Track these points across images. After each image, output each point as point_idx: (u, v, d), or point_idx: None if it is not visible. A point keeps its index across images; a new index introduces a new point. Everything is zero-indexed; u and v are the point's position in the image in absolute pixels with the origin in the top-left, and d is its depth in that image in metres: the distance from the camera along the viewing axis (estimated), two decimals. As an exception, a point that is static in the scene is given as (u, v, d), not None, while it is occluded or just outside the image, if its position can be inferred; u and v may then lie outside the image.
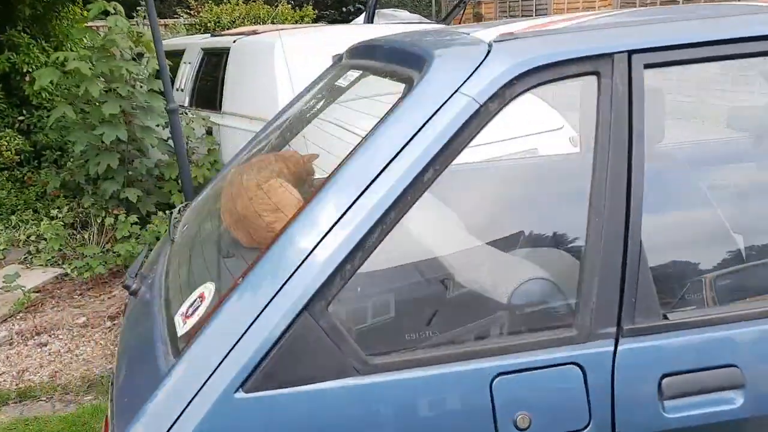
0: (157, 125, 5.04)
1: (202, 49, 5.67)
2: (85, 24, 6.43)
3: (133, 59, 4.96)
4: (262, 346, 1.20)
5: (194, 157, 5.13)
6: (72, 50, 5.86)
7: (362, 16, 8.41)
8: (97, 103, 4.77)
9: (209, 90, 5.43)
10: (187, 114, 5.18)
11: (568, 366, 1.28)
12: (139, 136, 4.94)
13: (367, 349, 1.25)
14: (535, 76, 1.32)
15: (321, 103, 2.31)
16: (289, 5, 10.98)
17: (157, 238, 4.78)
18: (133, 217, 4.79)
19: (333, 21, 13.83)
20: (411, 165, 1.26)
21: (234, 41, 5.17)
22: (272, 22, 9.81)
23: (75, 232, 5.12)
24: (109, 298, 4.50)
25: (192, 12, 10.84)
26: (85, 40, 5.19)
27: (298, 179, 2.13)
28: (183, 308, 1.47)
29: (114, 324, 4.12)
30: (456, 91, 1.30)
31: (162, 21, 4.84)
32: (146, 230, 4.81)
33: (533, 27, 1.50)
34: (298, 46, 4.74)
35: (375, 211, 1.24)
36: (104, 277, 4.73)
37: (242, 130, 4.83)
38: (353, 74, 1.93)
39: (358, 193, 1.25)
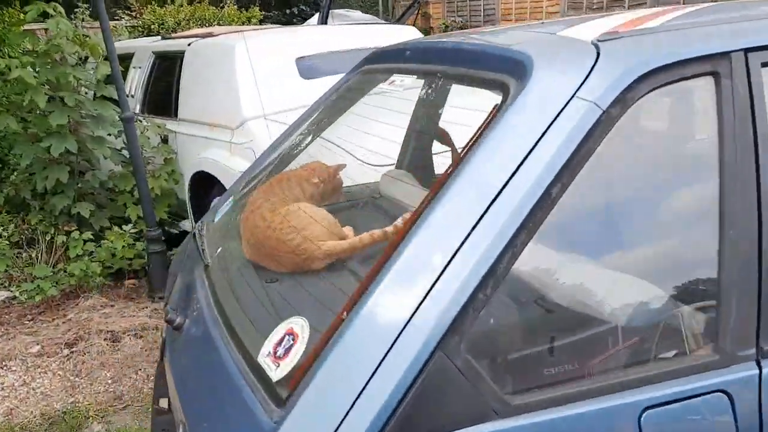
0: (109, 135, 4.73)
1: (154, 52, 5.37)
2: (23, 27, 6.02)
3: (78, 64, 4.64)
4: (394, 392, 1.04)
5: (150, 168, 4.83)
6: (10, 56, 5.47)
7: (315, 17, 8.20)
8: (43, 113, 4.43)
9: (162, 96, 5.15)
10: (141, 122, 4.87)
11: (715, 394, 1.18)
12: (89, 147, 4.62)
13: (504, 388, 1.12)
14: (654, 79, 1.21)
15: (357, 112, 2.13)
16: (235, 6, 10.69)
17: (113, 255, 4.50)
18: (87, 234, 4.48)
19: (277, 22, 13.57)
20: (538, 179, 1.12)
21: (189, 44, 4.91)
22: (219, 24, 9.50)
23: (21, 251, 4.75)
24: (63, 322, 4.16)
25: (134, 14, 10.43)
26: (24, 45, 4.81)
27: (320, 193, 1.97)
28: (268, 347, 1.28)
29: (72, 351, 3.81)
30: (573, 96, 1.17)
31: (96, 24, 4.53)
32: (101, 247, 4.50)
33: (630, 24, 1.39)
34: (264, 49, 4.52)
35: (504, 233, 1.10)
36: (56, 300, 4.40)
37: (202, 137, 4.59)
38: (403, 79, 1.76)
39: (480, 213, 1.11)
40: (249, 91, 4.30)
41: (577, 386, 1.15)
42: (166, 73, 5.15)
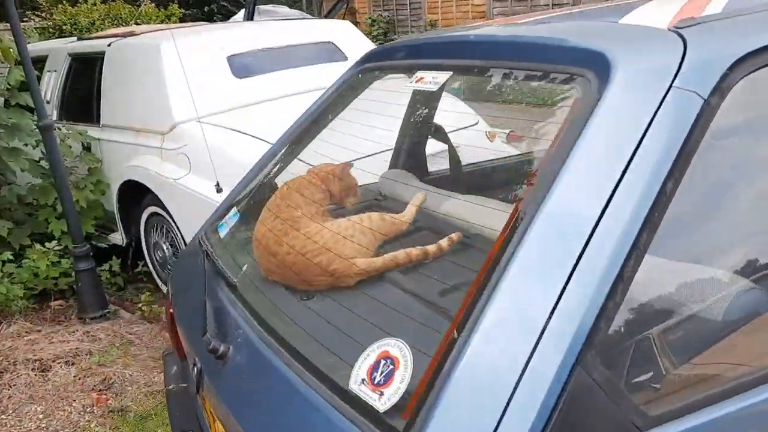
0: (26, 145, 4.37)
1: (69, 54, 5.02)
2: None
3: (-13, 70, 4.28)
4: (539, 417, 0.94)
5: (73, 179, 4.50)
6: None
7: (240, 14, 7.92)
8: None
9: (82, 101, 4.83)
10: (60, 130, 4.52)
11: None
12: (4, 159, 4.25)
13: (639, 399, 1.06)
14: (745, 65, 1.16)
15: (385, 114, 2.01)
16: (153, 4, 10.26)
17: (36, 275, 4.15)
18: (6, 254, 4.12)
19: (197, 20, 13.17)
20: (652, 174, 1.06)
21: (109, 44, 4.59)
22: (136, 23, 9.09)
23: (-70, 277, 4.33)
24: (-15, 353, 3.80)
25: (43, 14, 9.84)
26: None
27: (331, 197, 1.87)
28: (360, 374, 1.15)
29: (-2, 384, 3.47)
30: (671, 86, 1.11)
31: (5, 26, 4.18)
32: (22, 267, 4.16)
33: (696, 9, 1.33)
34: (194, 47, 4.28)
35: (627, 235, 1.03)
36: (-26, 329, 4.02)
37: (129, 144, 4.30)
38: (436, 76, 1.61)
39: (599, 214, 1.03)
40: (180, 92, 4.03)
41: (708, 389, 1.10)
42: (85, 77, 4.82)
